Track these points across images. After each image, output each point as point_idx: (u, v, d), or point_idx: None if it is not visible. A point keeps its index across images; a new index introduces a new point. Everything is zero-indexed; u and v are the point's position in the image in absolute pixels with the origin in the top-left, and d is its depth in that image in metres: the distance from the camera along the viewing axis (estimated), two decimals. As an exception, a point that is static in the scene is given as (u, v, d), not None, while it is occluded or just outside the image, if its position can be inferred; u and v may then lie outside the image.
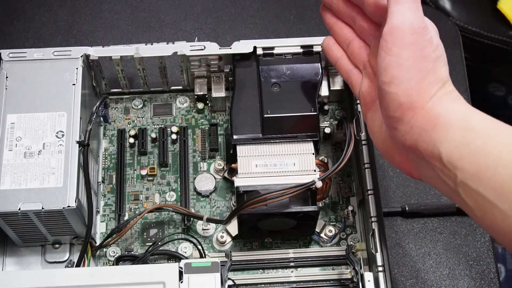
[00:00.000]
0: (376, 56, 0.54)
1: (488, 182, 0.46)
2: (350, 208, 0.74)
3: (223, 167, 0.76)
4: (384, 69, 0.51)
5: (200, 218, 0.70)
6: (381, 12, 0.55)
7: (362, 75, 0.60)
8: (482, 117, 0.49)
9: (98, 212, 0.74)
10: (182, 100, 0.80)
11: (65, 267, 0.71)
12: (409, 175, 0.56)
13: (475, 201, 0.47)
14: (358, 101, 0.64)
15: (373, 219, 0.67)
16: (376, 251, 0.65)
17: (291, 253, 0.72)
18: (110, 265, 0.72)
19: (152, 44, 0.74)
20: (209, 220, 0.70)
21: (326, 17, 0.64)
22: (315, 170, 0.69)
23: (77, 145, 0.66)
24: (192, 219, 0.73)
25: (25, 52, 0.70)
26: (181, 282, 0.58)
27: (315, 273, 0.71)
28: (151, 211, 0.71)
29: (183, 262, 0.59)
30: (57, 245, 0.72)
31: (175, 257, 0.71)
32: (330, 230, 0.73)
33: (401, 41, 0.50)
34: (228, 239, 0.73)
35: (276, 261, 0.72)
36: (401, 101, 0.51)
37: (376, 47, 0.57)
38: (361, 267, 0.66)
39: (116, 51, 0.73)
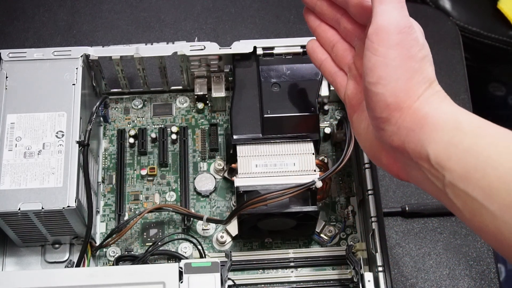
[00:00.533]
0: (361, 57, 0.53)
1: (477, 182, 0.45)
2: (350, 208, 0.74)
3: (223, 167, 0.76)
4: (370, 69, 0.51)
5: (200, 218, 0.70)
6: (365, 13, 0.55)
7: (347, 77, 0.59)
8: (471, 117, 0.49)
9: (98, 212, 0.74)
10: (182, 100, 0.80)
11: (65, 267, 0.71)
12: (396, 177, 0.55)
13: (463, 202, 0.46)
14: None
15: (373, 219, 0.67)
16: (376, 251, 0.65)
17: (291, 253, 0.72)
18: (110, 265, 0.72)
19: (152, 44, 0.74)
20: (209, 220, 0.70)
21: (309, 19, 0.62)
22: (315, 170, 0.69)
23: (77, 145, 0.66)
24: (192, 219, 0.73)
25: (25, 52, 0.70)
26: (181, 282, 0.58)
27: (315, 273, 0.71)
28: (151, 211, 0.71)
29: (183, 262, 0.59)
30: (57, 245, 0.72)
31: (175, 257, 0.71)
32: (330, 230, 0.73)
33: (387, 41, 0.50)
34: (228, 239, 0.73)
35: (276, 261, 0.72)
36: (388, 102, 0.50)
37: (361, 48, 0.57)
38: (361, 267, 0.66)
39: (116, 51, 0.73)
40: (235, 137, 0.70)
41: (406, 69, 0.50)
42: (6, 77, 0.69)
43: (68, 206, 0.63)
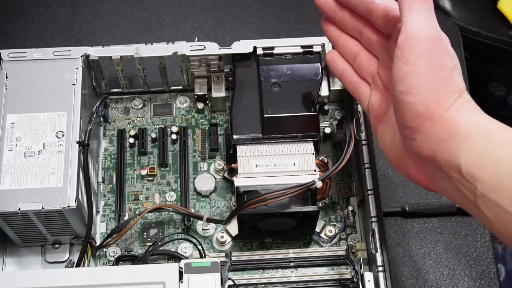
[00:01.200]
0: (386, 67, 0.52)
1: (509, 194, 0.45)
2: (350, 208, 0.74)
3: (223, 167, 0.76)
4: (401, 78, 0.50)
5: (200, 218, 0.70)
6: (391, 24, 0.55)
7: (371, 87, 0.59)
8: (502, 128, 0.48)
9: (98, 212, 0.74)
10: (182, 100, 0.80)
11: (65, 267, 0.71)
12: (424, 188, 0.55)
13: (495, 213, 0.46)
14: (358, 102, 0.64)
15: (373, 219, 0.67)
16: (376, 251, 0.65)
17: (291, 253, 0.72)
18: (110, 265, 0.72)
19: (152, 44, 0.74)
20: (209, 220, 0.70)
21: (328, 30, 0.62)
22: (315, 170, 0.69)
23: (77, 145, 0.66)
24: (192, 219, 0.73)
25: (25, 52, 0.70)
26: (181, 282, 0.58)
27: (315, 273, 0.71)
28: (151, 211, 0.71)
29: (183, 262, 0.59)
30: (57, 245, 0.72)
31: (175, 257, 0.71)
32: (330, 230, 0.73)
33: (417, 49, 0.50)
34: (228, 239, 0.73)
35: (276, 261, 0.72)
36: (419, 111, 0.50)
37: (386, 58, 0.56)
38: (361, 267, 0.66)
39: (116, 51, 0.73)
40: (235, 137, 0.70)
41: (437, 78, 0.50)
42: (6, 77, 0.69)
43: (68, 206, 0.63)
